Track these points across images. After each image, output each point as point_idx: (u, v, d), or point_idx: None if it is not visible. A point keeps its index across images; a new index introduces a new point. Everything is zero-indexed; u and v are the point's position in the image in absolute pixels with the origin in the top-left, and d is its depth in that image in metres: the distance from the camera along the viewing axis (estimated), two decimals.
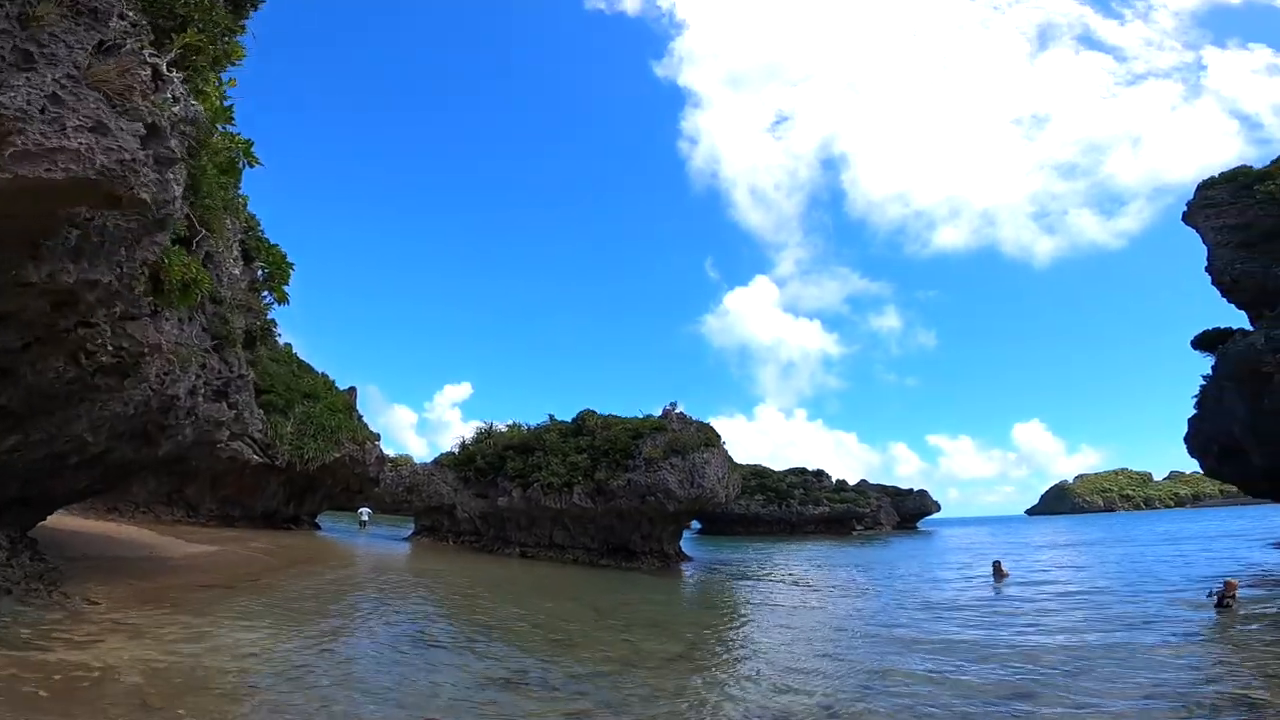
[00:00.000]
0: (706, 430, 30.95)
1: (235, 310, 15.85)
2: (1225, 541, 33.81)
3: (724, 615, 17.18)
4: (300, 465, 29.91)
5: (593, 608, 16.94)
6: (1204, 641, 11.35)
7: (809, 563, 34.71)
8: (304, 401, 33.61)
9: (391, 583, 18.00)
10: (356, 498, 38.85)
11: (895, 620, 15.18)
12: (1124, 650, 10.58)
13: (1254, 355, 24.19)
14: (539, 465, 32.31)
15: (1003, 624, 13.82)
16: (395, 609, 14.08)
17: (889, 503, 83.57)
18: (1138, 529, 57.27)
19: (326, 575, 17.94)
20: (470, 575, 21.77)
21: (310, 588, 15.36)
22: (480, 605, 15.95)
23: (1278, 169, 27.56)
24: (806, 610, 17.84)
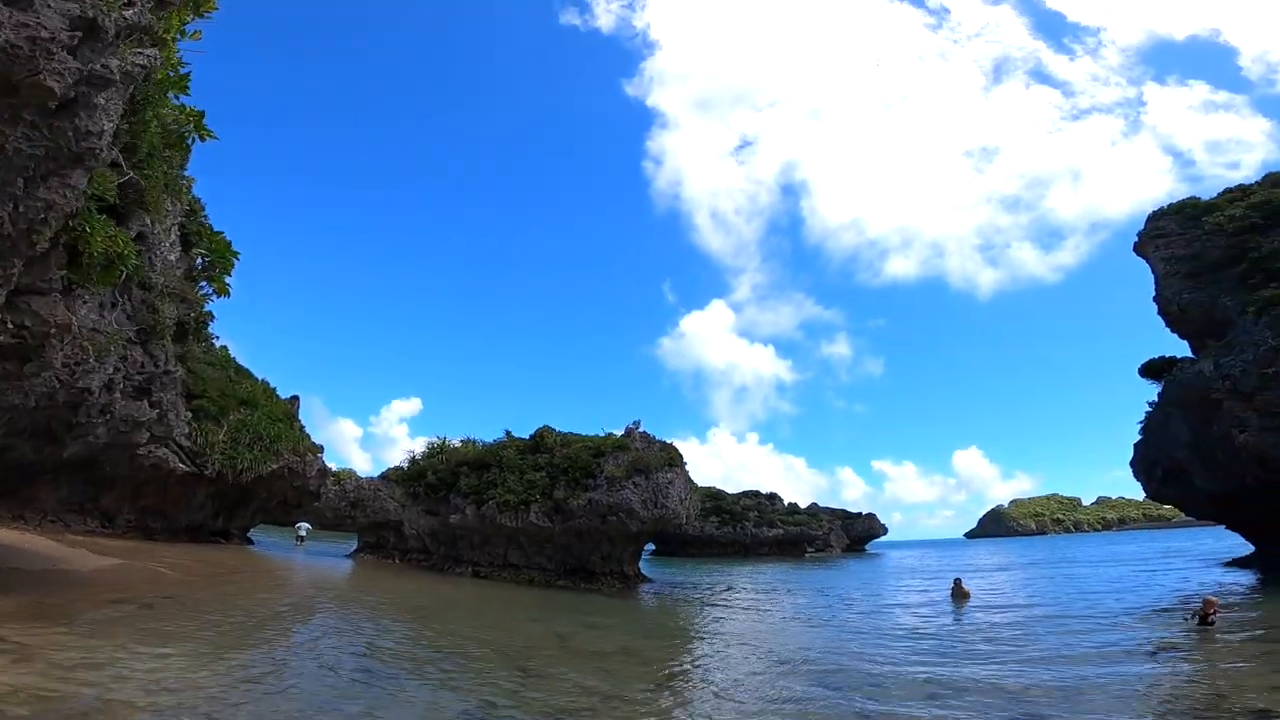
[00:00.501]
0: (669, 450, 30.18)
1: (167, 299, 14.24)
2: (1168, 562, 34.89)
3: (696, 641, 16.23)
4: (233, 476, 27.63)
5: (556, 632, 15.72)
6: (1198, 660, 11.08)
7: (770, 586, 34.10)
8: (240, 409, 31.25)
9: (333, 603, 16.36)
10: (295, 512, 36.31)
11: (874, 648, 14.53)
12: (1123, 675, 10.17)
13: (1203, 382, 25.05)
14: (495, 482, 30.85)
15: (987, 655, 13.33)
16: (337, 633, 12.61)
17: (839, 525, 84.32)
18: (1076, 551, 59.17)
19: (258, 594, 16.15)
20: (421, 595, 20.17)
21: (239, 608, 13.67)
22: (434, 629, 14.55)
23: (1224, 201, 28.98)
24: (781, 635, 17.06)
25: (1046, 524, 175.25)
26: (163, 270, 13.79)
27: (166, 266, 13.92)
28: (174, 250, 14.25)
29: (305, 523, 39.47)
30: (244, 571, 19.97)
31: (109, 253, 10.36)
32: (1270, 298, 23.95)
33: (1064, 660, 11.70)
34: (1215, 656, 11.17)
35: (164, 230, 14.08)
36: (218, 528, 28.88)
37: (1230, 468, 25.47)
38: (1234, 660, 10.95)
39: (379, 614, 15.71)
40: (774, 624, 18.82)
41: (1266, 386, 23.03)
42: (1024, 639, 14.03)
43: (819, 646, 14.60)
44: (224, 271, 15.24)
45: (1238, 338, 24.94)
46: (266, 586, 18.04)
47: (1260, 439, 22.82)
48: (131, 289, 13.72)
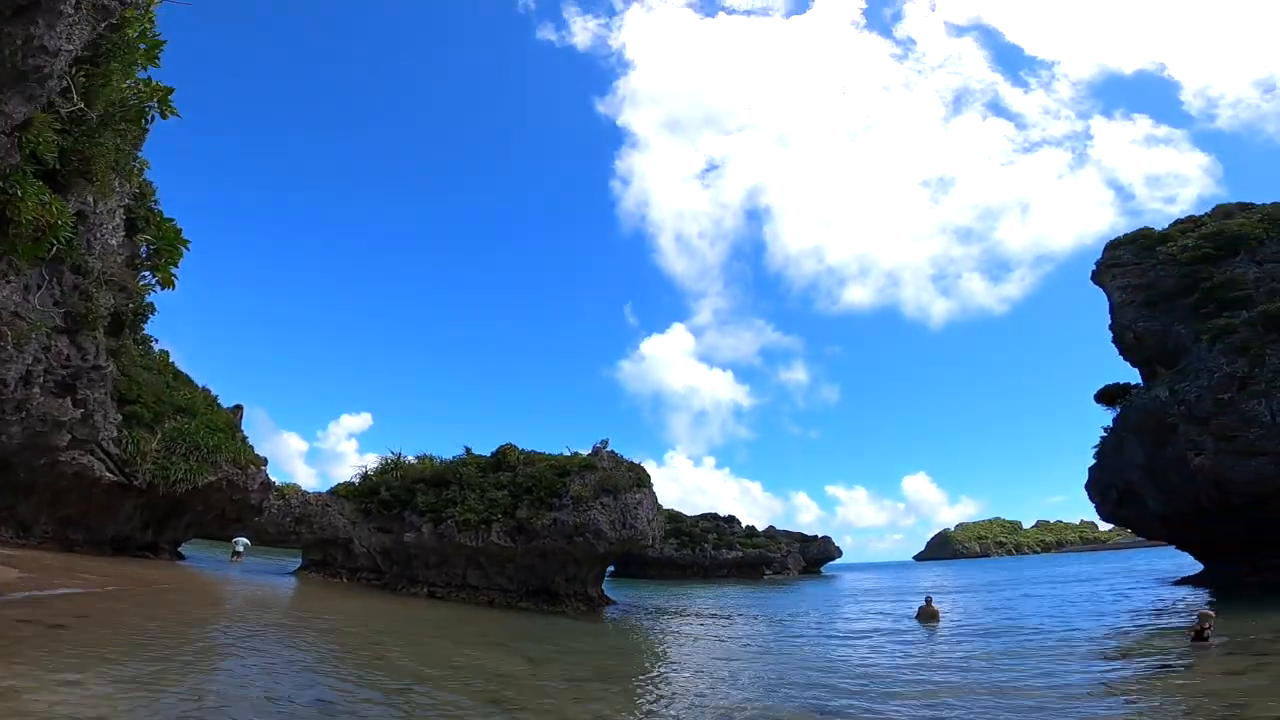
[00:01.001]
0: (637, 470, 29.36)
1: (104, 286, 12.80)
2: (1120, 580, 35.67)
3: (675, 666, 15.32)
4: (165, 487, 25.49)
5: (525, 657, 14.59)
6: (1210, 676, 10.77)
7: (736, 608, 33.38)
8: (177, 416, 29.07)
9: (275, 624, 14.83)
10: (233, 526, 33.92)
11: (864, 675, 13.94)
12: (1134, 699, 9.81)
13: (1159, 407, 25.78)
14: (454, 500, 29.42)
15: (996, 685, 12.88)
16: (281, 658, 11.25)
17: (796, 548, 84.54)
18: (1027, 572, 60.45)
19: (190, 614, 14.52)
20: (374, 617, 18.66)
21: (165, 629, 12.13)
22: (392, 654, 13.24)
23: (1177, 232, 30.23)
24: (761, 660, 16.32)
25: (990, 546, 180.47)
26: (102, 254, 12.42)
27: (106, 251, 12.56)
28: (116, 234, 12.87)
29: (243, 537, 37.30)
30: (174, 589, 18.12)
31: (39, 222, 9.09)
32: (1224, 326, 24.91)
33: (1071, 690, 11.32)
34: (1225, 672, 10.91)
35: (107, 211, 12.74)
36: (146, 541, 26.61)
37: (1184, 490, 26.18)
38: (1236, 676, 10.72)
39: (331, 637, 14.30)
40: (751, 648, 18.06)
41: (1221, 411, 23.81)
42: (1024, 666, 13.65)
43: (800, 672, 13.91)
44: (171, 261, 13.84)
45: (1192, 364, 25.84)
46: (200, 606, 16.34)
47: (1216, 462, 23.50)
48: (63, 272, 12.31)
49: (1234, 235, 27.78)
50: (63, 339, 12.49)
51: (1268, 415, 22.43)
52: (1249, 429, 22.73)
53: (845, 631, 20.64)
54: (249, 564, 35.50)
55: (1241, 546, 26.35)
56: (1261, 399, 22.75)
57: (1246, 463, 22.54)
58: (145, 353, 30.25)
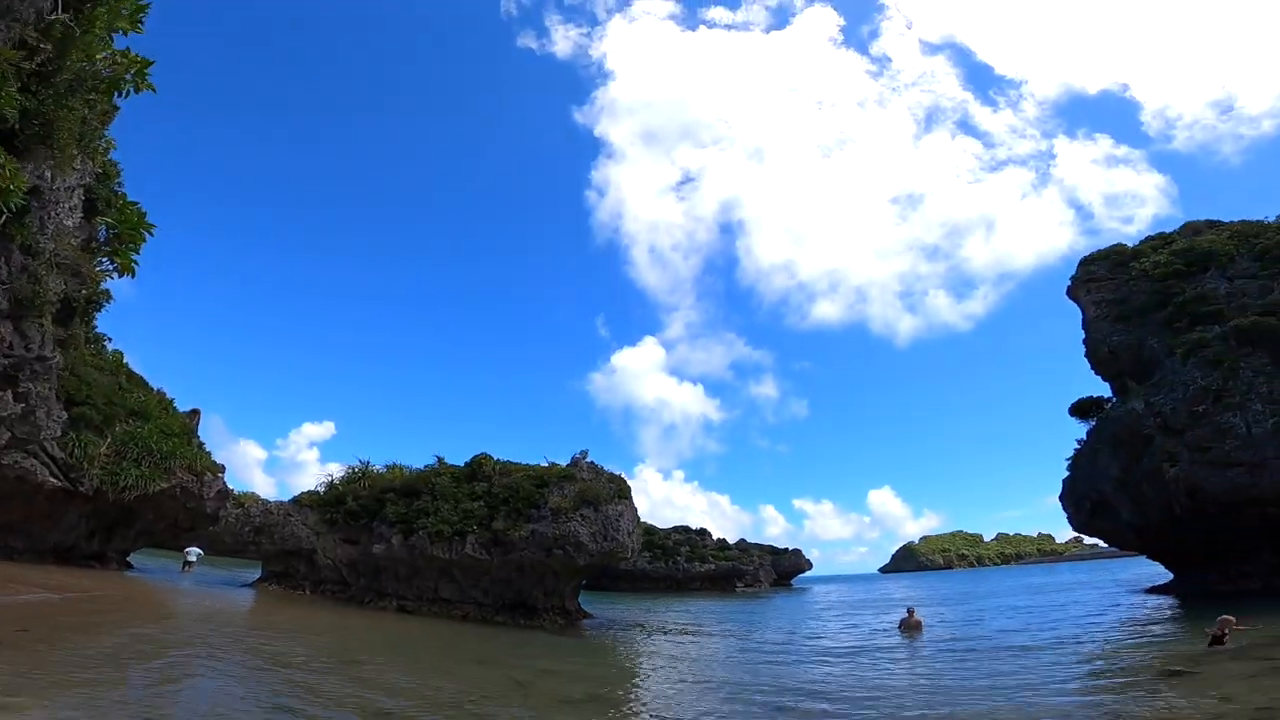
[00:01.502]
0: (618, 481, 28.56)
1: (55, 269, 11.64)
2: (1090, 591, 36.13)
3: (671, 685, 14.58)
4: (114, 494, 23.82)
5: (510, 676, 13.69)
6: (1238, 679, 10.47)
7: (715, 622, 32.73)
8: (129, 420, 27.37)
9: (234, 640, 13.62)
10: (186, 536, 32.09)
11: (879, 692, 13.42)
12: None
13: (1134, 420, 26.16)
14: (426, 511, 28.20)
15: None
16: (241, 678, 10.19)
17: (768, 561, 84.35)
18: (994, 583, 61.12)
19: (139, 629, 13.24)
20: (343, 632, 17.47)
21: (112, 646, 10.94)
22: (366, 673, 12.22)
23: (1149, 248, 30.98)
24: (764, 676, 15.69)
25: (953, 559, 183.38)
26: (56, 235, 11.31)
27: (61, 232, 11.43)
28: (74, 215, 11.75)
29: (196, 547, 35.61)
30: (123, 602, 16.70)
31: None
32: (1197, 340, 25.46)
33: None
34: (1249, 676, 10.64)
35: (66, 189, 11.65)
36: (92, 550, 24.84)
37: (1157, 500, 26.56)
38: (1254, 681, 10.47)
39: (296, 655, 13.17)
40: (745, 665, 17.41)
41: (1196, 423, 24.23)
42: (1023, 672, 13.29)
43: (807, 689, 13.33)
44: (132, 247, 12.71)
45: (1166, 378, 26.33)
46: (152, 620, 15.00)
47: (1191, 472, 23.87)
48: (11, 250, 11.22)
49: (1204, 251, 28.60)
50: (6, 324, 11.32)
51: (1243, 427, 22.90)
52: (1224, 440, 23.15)
53: (841, 648, 20.12)
54: (203, 575, 33.61)
55: (1213, 555, 26.82)
56: (1236, 411, 23.22)
57: (1222, 473, 22.93)
58: (97, 352, 28.43)
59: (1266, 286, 25.90)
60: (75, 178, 11.28)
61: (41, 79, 8.22)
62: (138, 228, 12.27)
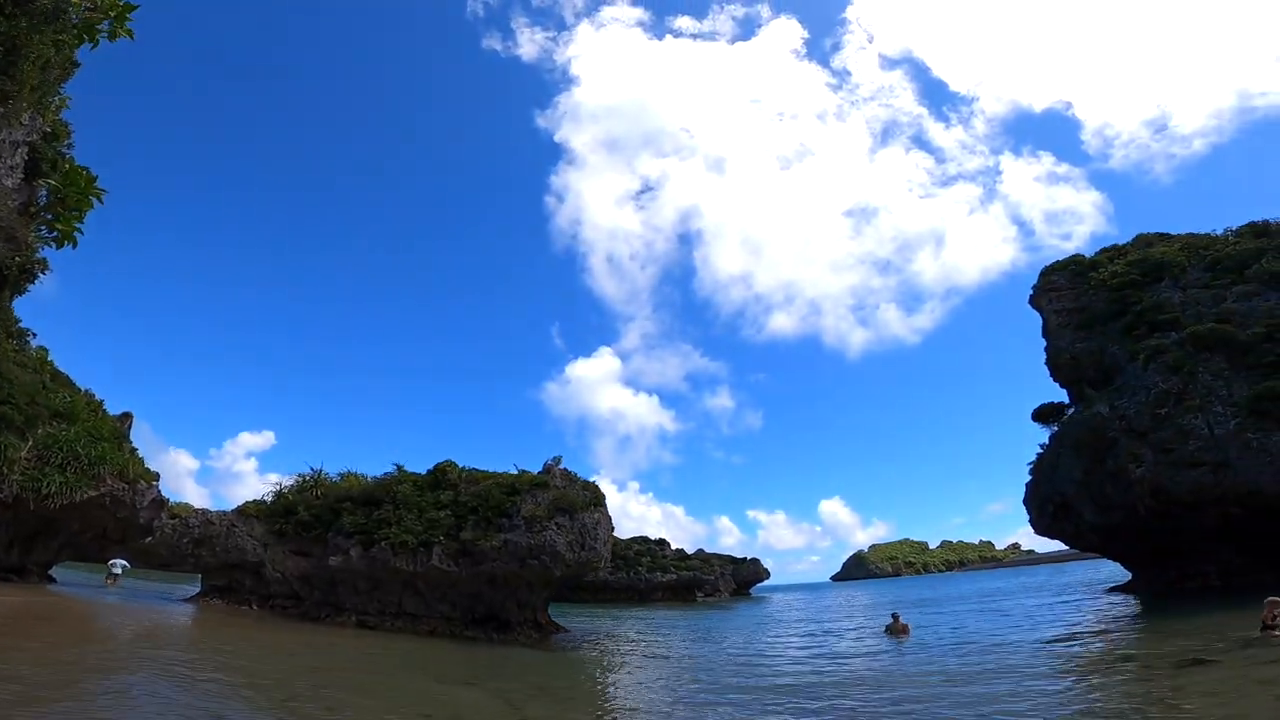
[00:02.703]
0: (592, 489, 27.52)
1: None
2: (1049, 594, 36.96)
3: (675, 705, 13.69)
4: (35, 501, 21.45)
5: (502, 697, 12.55)
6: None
7: (689, 633, 31.89)
8: (54, 422, 24.88)
9: (180, 662, 11.99)
10: (115, 548, 29.41)
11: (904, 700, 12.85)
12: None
13: (1100, 423, 26.86)
14: (388, 520, 26.52)
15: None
16: (191, 708, 8.77)
17: (728, 570, 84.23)
18: (949, 589, 62.38)
19: (67, 649, 11.52)
20: (305, 651, 15.85)
21: (38, 670, 9.34)
22: (338, 698, 10.87)
23: (1105, 259, 32.17)
24: (768, 695, 14.94)
25: (901, 566, 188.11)
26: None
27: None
28: (14, 174, 10.19)
29: (121, 560, 32.96)
30: (46, 619, 14.72)
31: None
32: (1156, 346, 26.40)
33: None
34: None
35: (10, 143, 10.14)
36: (11, 563, 22.35)
37: (1120, 501, 27.30)
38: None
39: (256, 678, 11.67)
40: (742, 677, 16.64)
41: (1159, 426, 25.01)
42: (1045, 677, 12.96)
43: (813, 701, 12.66)
44: (76, 213, 11.12)
45: (1128, 382, 27.18)
46: (80, 641, 13.17)
47: (1155, 473, 24.58)
48: None
49: (1158, 262, 29.91)
50: None
51: (1205, 428, 23.74)
52: (1188, 441, 23.95)
53: (833, 652, 19.61)
54: (132, 590, 30.82)
55: (1174, 554, 27.70)
56: (1198, 413, 24.08)
57: (1186, 473, 23.68)
58: (20, 348, 25.79)
59: (1219, 295, 27.19)
60: (21, 133, 9.81)
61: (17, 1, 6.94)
62: (86, 192, 10.75)
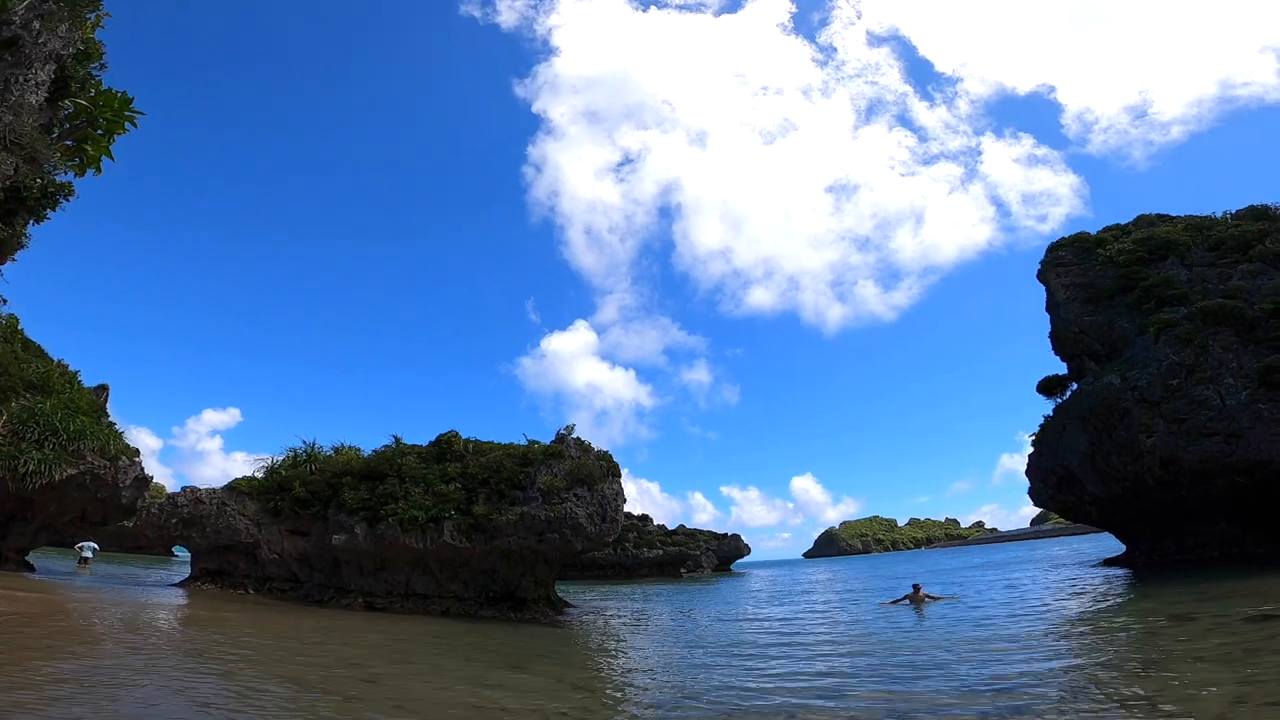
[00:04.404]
0: (607, 458, 26.65)
1: (7, 149, 8.72)
2: (1039, 567, 37.77)
3: (753, 679, 13.12)
4: (13, 482, 19.89)
5: (564, 680, 11.85)
6: None
7: (695, 606, 31.59)
8: (28, 393, 23.11)
9: (190, 655, 10.95)
10: (96, 531, 27.76)
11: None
12: None
13: (1112, 394, 27.11)
14: (393, 495, 25.37)
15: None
16: (221, 709, 7.71)
17: (712, 546, 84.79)
18: (933, 564, 63.61)
19: (59, 645, 10.40)
20: (329, 640, 14.87)
21: (24, 672, 8.23)
22: (397, 691, 10.00)
23: (1109, 236, 32.44)
24: (837, 657, 14.49)
25: (870, 544, 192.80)
26: (16, 108, 8.46)
27: (22, 107, 8.56)
28: (41, 91, 8.80)
29: (91, 542, 31.47)
30: (27, 613, 13.47)
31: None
32: (1166, 320, 26.67)
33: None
34: None
35: (40, 55, 8.75)
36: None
37: (1126, 472, 27.71)
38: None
39: (312, 671, 10.73)
40: (794, 649, 16.18)
41: (1171, 397, 25.32)
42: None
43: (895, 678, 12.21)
44: (107, 137, 9.73)
45: (1138, 355, 27.46)
46: (65, 636, 12.00)
47: (1167, 442, 24.92)
48: None
49: (1163, 241, 30.27)
50: None
51: (1217, 399, 24.08)
52: (1200, 412, 24.29)
53: (867, 634, 19.34)
54: (107, 575, 29.22)
55: (1171, 526, 28.32)
56: (1210, 385, 24.41)
57: (1199, 443, 24.04)
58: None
59: (1225, 274, 27.66)
60: (58, 44, 8.44)
61: None
62: (118, 114, 9.39)
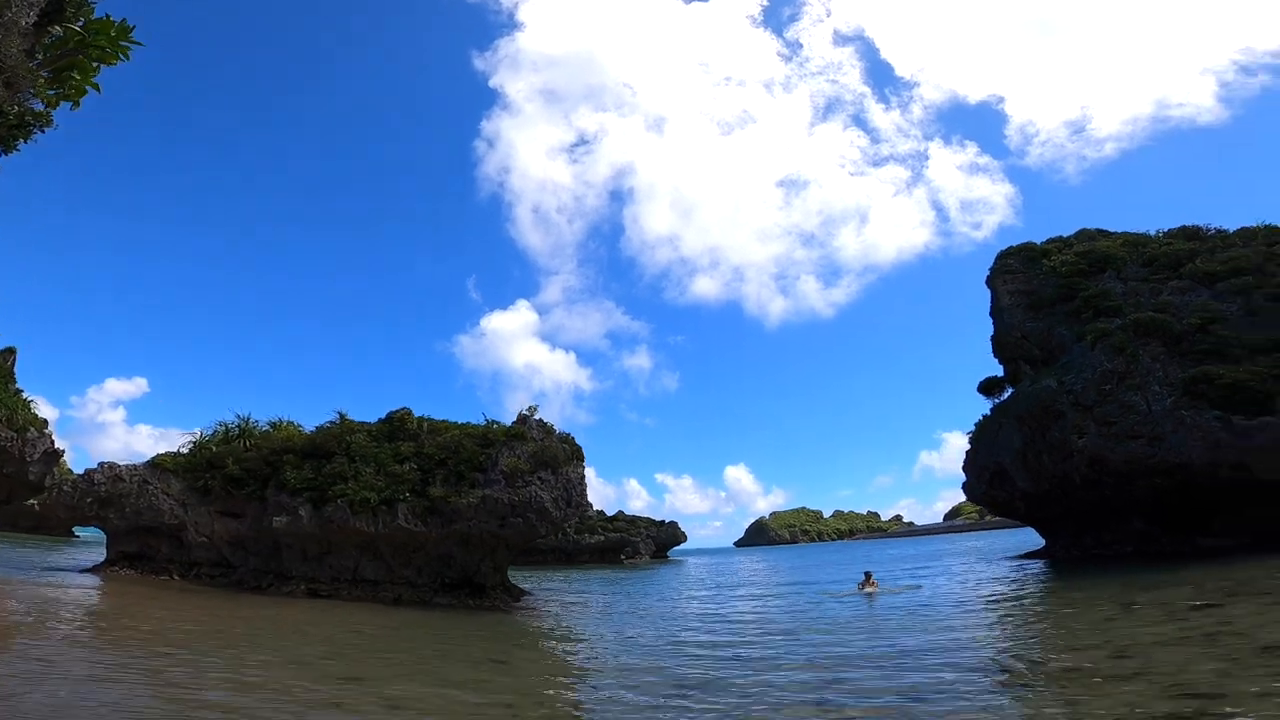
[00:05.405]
0: (570, 441, 26.14)
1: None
2: (960, 558, 39.95)
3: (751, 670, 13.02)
4: None
5: (545, 675, 11.45)
6: None
7: (651, 593, 31.61)
8: None
9: (118, 652, 9.93)
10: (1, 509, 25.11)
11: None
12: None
13: (1049, 396, 28.78)
14: (342, 475, 24.07)
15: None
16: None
17: (651, 533, 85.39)
18: (863, 554, 66.10)
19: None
20: (277, 631, 13.84)
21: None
22: (382, 692, 9.34)
23: (1054, 248, 34.36)
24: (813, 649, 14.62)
25: (797, 534, 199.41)
26: (5, 25, 7.26)
27: (9, 29, 7.33)
28: (31, 12, 7.48)
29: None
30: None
31: None
32: (1102, 330, 28.51)
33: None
34: None
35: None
36: None
37: (1055, 470, 29.55)
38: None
39: (249, 672, 9.85)
40: (767, 636, 16.29)
41: (1102, 401, 27.10)
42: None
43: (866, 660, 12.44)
44: (98, 63, 8.40)
45: (1074, 361, 29.25)
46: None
47: (1096, 443, 26.70)
48: None
49: (1102, 255, 32.33)
50: None
51: (1143, 405, 25.95)
52: (1128, 416, 26.12)
53: (856, 616, 19.74)
54: (7, 560, 26.50)
55: (1091, 523, 30.42)
56: (1138, 391, 26.27)
57: (1125, 445, 25.86)
58: None
59: (1157, 289, 29.82)
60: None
61: None
62: (112, 41, 8.10)
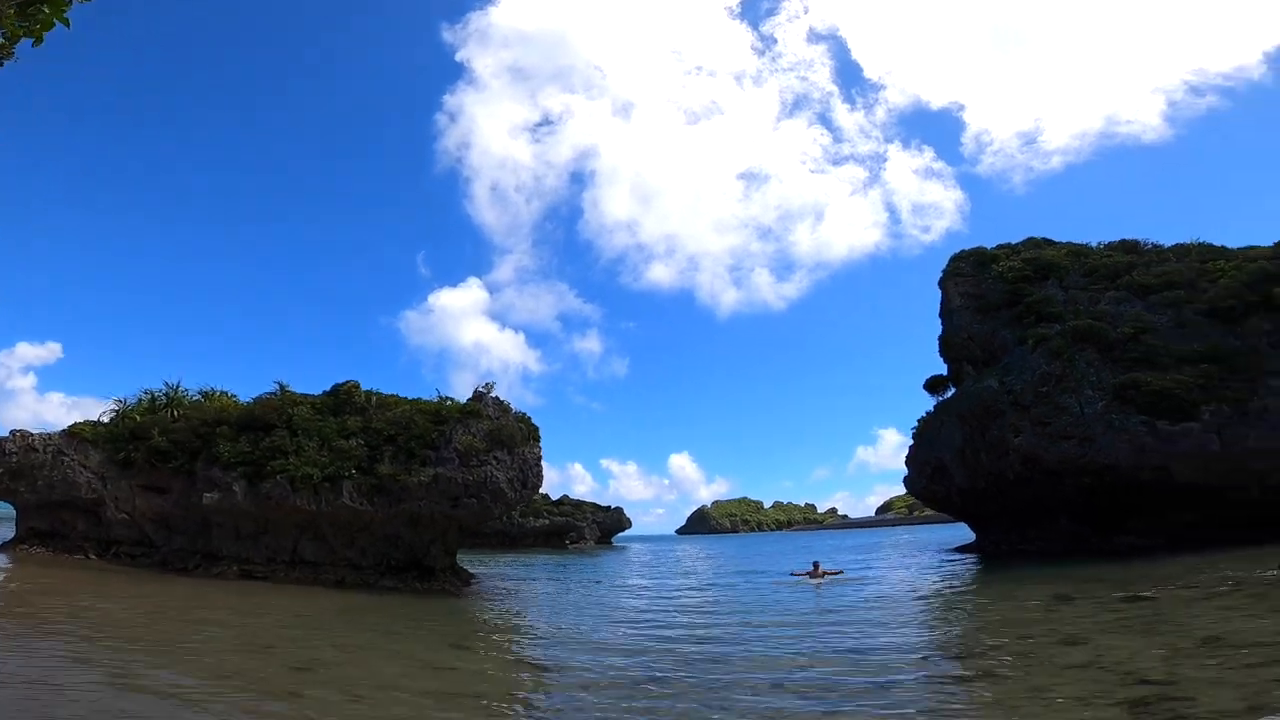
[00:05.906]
0: (526, 421, 25.57)
1: None
2: (895, 551, 41.48)
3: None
4: None
5: (512, 657, 11.11)
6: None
7: (603, 580, 31.45)
8: None
9: (32, 636, 9.11)
10: None
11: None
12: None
13: (990, 395, 30.04)
14: (282, 450, 22.87)
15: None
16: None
17: (597, 518, 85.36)
18: (804, 544, 67.98)
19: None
20: (214, 611, 13.00)
21: None
22: (339, 679, 8.82)
23: (1003, 254, 35.70)
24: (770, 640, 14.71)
25: (738, 524, 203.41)
26: None
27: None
28: None
29: None
30: None
31: None
32: (1042, 334, 29.90)
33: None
34: None
35: None
36: None
37: (992, 468, 30.94)
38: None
39: (197, 664, 9.17)
40: (713, 619, 16.36)
41: (1039, 402, 28.45)
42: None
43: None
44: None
45: (1015, 363, 30.59)
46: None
47: (1031, 442, 28.05)
48: None
49: (1046, 263, 33.88)
50: None
51: (1076, 407, 27.37)
52: (1061, 417, 27.51)
53: (800, 613, 20.03)
54: None
55: (1021, 519, 32.01)
56: (1072, 394, 27.69)
57: (1058, 445, 27.26)
58: None
59: (1095, 298, 31.44)
60: None
61: None
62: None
